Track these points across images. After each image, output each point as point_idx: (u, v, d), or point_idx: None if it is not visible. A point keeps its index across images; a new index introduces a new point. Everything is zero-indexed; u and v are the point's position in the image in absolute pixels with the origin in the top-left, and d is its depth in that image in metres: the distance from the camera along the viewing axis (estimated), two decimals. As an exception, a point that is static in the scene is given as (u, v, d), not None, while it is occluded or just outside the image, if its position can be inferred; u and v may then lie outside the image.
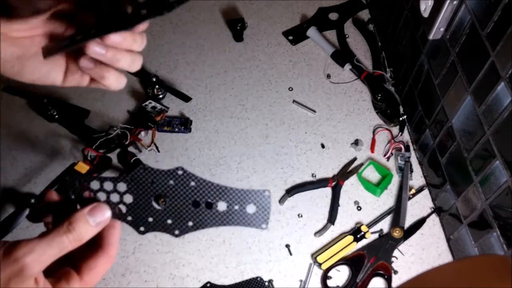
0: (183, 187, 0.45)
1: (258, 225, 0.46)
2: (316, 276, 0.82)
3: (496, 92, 0.65)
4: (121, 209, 0.45)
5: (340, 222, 0.88)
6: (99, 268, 0.44)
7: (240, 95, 1.03)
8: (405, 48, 0.95)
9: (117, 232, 0.46)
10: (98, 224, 0.43)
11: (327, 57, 1.09)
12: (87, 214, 0.43)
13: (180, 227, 0.45)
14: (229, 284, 0.81)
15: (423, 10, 0.80)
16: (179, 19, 1.15)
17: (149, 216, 0.46)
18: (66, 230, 0.41)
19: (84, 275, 0.43)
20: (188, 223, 0.45)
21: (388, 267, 0.82)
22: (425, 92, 0.88)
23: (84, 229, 0.42)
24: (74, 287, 0.43)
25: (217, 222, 0.46)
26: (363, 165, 0.93)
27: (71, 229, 0.41)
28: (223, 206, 0.45)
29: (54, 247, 0.40)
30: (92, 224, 0.43)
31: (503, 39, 0.62)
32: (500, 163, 0.66)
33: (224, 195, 0.45)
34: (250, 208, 0.45)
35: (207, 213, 0.45)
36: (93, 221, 0.43)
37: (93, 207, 0.43)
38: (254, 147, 0.96)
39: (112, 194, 0.45)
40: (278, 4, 1.18)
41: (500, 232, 0.69)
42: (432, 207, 0.90)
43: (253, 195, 0.45)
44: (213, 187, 0.45)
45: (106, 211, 0.44)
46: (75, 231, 0.41)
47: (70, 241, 0.41)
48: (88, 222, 0.43)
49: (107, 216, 0.44)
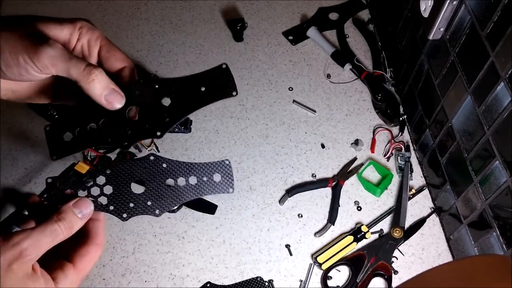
0: (157, 170, 0.50)
1: (226, 190, 0.51)
2: (316, 276, 0.83)
3: (496, 92, 0.65)
4: (102, 201, 0.49)
5: (340, 222, 0.88)
6: (90, 256, 0.47)
7: (240, 95, 1.03)
8: (405, 48, 0.95)
9: (101, 223, 0.49)
10: (84, 215, 0.46)
11: (327, 57, 1.09)
12: (72, 206, 0.45)
13: (160, 206, 0.49)
14: (229, 284, 0.81)
15: (423, 10, 0.80)
16: (179, 19, 1.15)
17: (129, 202, 0.49)
18: (57, 219, 0.43)
19: (77, 263, 0.46)
20: (167, 201, 0.49)
21: (388, 267, 0.82)
22: (425, 92, 0.88)
23: (73, 219, 0.44)
24: (69, 274, 0.45)
25: (192, 194, 0.50)
26: (363, 165, 0.93)
27: (61, 218, 0.43)
28: (194, 180, 0.50)
29: (48, 234, 0.42)
30: (79, 215, 0.45)
31: (502, 39, 0.62)
32: (500, 163, 0.66)
33: (193, 170, 0.50)
34: (216, 177, 0.51)
35: (182, 189, 0.50)
36: (79, 213, 0.45)
37: (77, 201, 0.46)
38: (254, 147, 0.96)
39: (92, 188, 0.49)
40: (278, 4, 1.18)
41: (499, 232, 0.69)
42: (432, 207, 0.90)
43: (217, 166, 0.51)
44: (183, 165, 0.50)
45: (89, 203, 0.46)
46: (65, 220, 0.44)
47: (62, 230, 0.43)
48: (75, 213, 0.45)
49: (91, 208, 0.46)
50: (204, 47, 1.11)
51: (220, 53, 1.10)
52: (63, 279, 0.44)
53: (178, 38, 1.12)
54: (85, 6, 1.17)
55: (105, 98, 0.46)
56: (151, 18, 1.15)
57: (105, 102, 0.46)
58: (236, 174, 0.93)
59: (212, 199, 0.89)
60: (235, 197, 0.90)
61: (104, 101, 0.46)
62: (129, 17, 1.15)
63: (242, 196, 0.90)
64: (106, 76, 0.46)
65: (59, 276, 0.44)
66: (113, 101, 0.47)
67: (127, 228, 0.87)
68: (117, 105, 0.47)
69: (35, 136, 0.96)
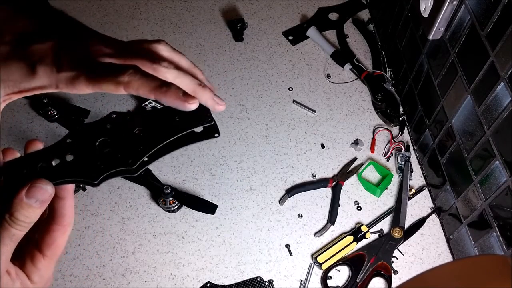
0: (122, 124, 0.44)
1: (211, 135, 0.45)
2: (316, 276, 0.83)
3: (496, 92, 0.65)
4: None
5: (340, 222, 0.88)
6: (58, 242, 0.44)
7: (240, 95, 1.03)
8: (405, 48, 0.95)
9: (68, 202, 0.44)
10: (42, 201, 0.41)
11: (327, 57, 1.09)
12: (24, 197, 0.41)
13: (132, 156, 0.43)
14: (229, 284, 0.81)
15: (423, 10, 0.80)
16: (179, 19, 1.15)
17: (96, 161, 0.43)
18: (10, 222, 0.40)
19: (46, 251, 0.44)
20: (139, 148, 0.43)
21: (388, 267, 0.82)
22: (425, 92, 0.88)
23: (27, 213, 0.41)
24: (41, 266, 0.43)
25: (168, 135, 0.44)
26: (363, 165, 0.93)
27: (14, 220, 0.40)
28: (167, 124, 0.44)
29: (7, 243, 0.40)
30: (34, 204, 0.41)
31: (502, 39, 0.62)
32: (499, 163, 0.66)
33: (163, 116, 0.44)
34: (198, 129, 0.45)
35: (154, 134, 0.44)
36: (34, 202, 0.41)
37: (30, 188, 0.41)
38: (254, 147, 0.96)
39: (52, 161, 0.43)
40: (278, 4, 1.18)
41: (499, 232, 0.69)
42: (432, 207, 0.90)
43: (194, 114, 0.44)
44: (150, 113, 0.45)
45: (44, 187, 0.42)
46: (18, 220, 0.40)
47: (19, 230, 0.41)
48: (30, 205, 0.41)
49: (48, 191, 0.42)
50: (204, 47, 1.11)
51: (220, 53, 1.10)
52: (36, 273, 0.43)
53: (178, 38, 1.12)
54: (85, 6, 1.17)
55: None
56: (151, 18, 1.15)
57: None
58: (236, 174, 0.93)
59: (212, 199, 0.89)
60: (235, 197, 0.90)
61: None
62: (129, 17, 1.15)
63: (242, 196, 0.90)
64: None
65: (31, 272, 0.43)
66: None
67: (127, 228, 0.87)
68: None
69: (35, 136, 0.96)
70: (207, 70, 1.07)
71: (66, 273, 0.82)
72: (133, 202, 0.89)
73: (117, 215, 0.88)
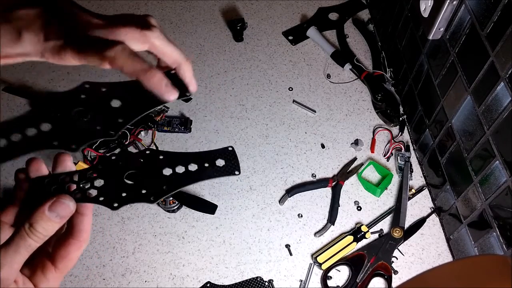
0: (153, 161, 0.47)
1: (231, 172, 0.47)
2: (316, 276, 0.83)
3: (496, 92, 0.65)
4: (92, 193, 0.45)
5: (340, 222, 0.88)
6: (71, 255, 0.44)
7: (240, 95, 1.03)
8: (405, 48, 0.95)
9: (87, 218, 0.45)
10: (62, 217, 0.42)
11: (327, 57, 1.09)
12: (47, 210, 0.42)
13: (155, 193, 0.46)
14: (229, 284, 0.81)
15: (423, 10, 0.80)
16: (179, 19, 1.15)
17: (121, 192, 0.46)
18: (29, 232, 0.41)
19: (58, 263, 0.44)
20: (163, 187, 0.46)
21: (388, 267, 0.82)
22: (425, 92, 0.88)
23: (46, 226, 0.42)
24: (50, 277, 0.43)
25: (192, 179, 0.46)
26: (363, 165, 0.93)
27: (33, 231, 0.41)
28: (194, 167, 0.47)
29: (22, 252, 0.40)
30: (55, 219, 0.42)
31: (502, 39, 0.62)
32: (499, 163, 0.66)
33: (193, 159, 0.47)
34: (219, 162, 0.47)
35: (180, 175, 0.46)
36: (55, 216, 0.42)
37: (54, 202, 0.42)
38: (254, 147, 0.96)
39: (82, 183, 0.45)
40: (278, 4, 1.18)
41: (499, 232, 0.69)
42: (432, 207, 0.90)
43: (219, 152, 0.48)
44: (181, 155, 0.47)
45: (67, 203, 0.43)
46: (37, 231, 0.41)
47: (35, 241, 0.41)
48: (50, 219, 0.42)
49: (70, 207, 0.43)
50: (204, 47, 1.11)
51: (220, 53, 1.10)
52: (45, 283, 0.43)
53: (178, 38, 1.12)
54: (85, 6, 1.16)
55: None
56: (151, 18, 1.15)
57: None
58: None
59: (212, 199, 0.89)
60: (235, 197, 0.90)
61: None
62: (129, 17, 1.15)
63: (242, 196, 0.90)
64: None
65: (40, 282, 0.43)
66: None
67: (127, 228, 0.87)
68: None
69: (35, 136, 0.96)
70: (207, 70, 1.07)
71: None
72: (133, 202, 0.89)
73: (117, 215, 0.88)
